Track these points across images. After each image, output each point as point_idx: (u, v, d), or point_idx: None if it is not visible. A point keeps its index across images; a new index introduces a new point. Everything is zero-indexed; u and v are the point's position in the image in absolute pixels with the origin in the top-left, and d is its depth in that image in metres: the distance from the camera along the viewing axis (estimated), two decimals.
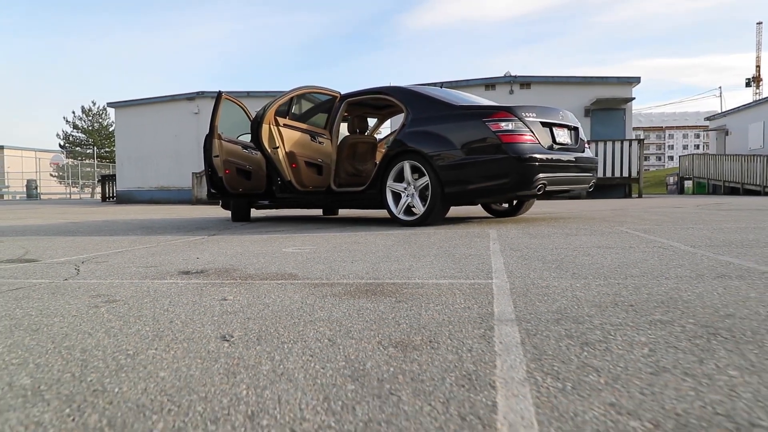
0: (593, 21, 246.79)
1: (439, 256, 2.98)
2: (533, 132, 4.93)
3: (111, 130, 48.50)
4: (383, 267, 2.60)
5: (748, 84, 73.41)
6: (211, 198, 6.95)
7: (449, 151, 5.00)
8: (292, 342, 1.34)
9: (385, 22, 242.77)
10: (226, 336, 1.41)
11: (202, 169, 18.28)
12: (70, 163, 45.76)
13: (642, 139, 17.04)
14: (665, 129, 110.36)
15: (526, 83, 18.59)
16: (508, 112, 4.95)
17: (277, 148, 5.95)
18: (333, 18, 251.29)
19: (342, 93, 6.40)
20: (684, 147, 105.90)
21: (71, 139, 49.22)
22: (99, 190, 36.53)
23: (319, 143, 6.40)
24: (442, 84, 7.99)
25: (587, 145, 5.97)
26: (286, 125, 6.09)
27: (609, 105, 18.25)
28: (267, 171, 6.30)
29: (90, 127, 49.20)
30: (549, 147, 5.04)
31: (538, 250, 3.15)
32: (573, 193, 5.41)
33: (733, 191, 21.55)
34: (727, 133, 26.94)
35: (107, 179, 24.79)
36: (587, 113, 18.34)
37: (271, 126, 5.97)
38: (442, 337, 1.33)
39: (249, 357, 1.22)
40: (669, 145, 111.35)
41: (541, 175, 4.84)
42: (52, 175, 45.67)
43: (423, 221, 5.08)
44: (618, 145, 16.46)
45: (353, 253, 3.17)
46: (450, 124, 5.13)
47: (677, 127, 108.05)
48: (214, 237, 4.59)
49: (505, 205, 6.52)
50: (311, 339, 1.36)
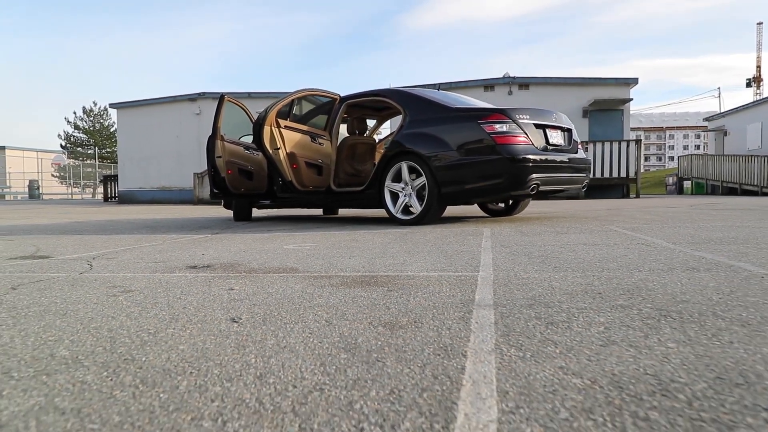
0: (593, 21, 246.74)
1: (433, 252, 3.15)
2: (527, 133, 5.09)
3: (112, 130, 48.69)
4: (378, 262, 2.78)
5: (748, 84, 73.49)
6: (214, 198, 7.13)
7: (445, 152, 5.15)
8: (293, 323, 1.51)
9: (385, 22, 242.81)
10: (234, 318, 1.58)
11: (203, 170, 18.46)
12: (71, 164, 45.97)
13: (639, 140, 17.19)
14: (665, 129, 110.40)
15: (524, 84, 18.76)
16: (502, 114, 5.11)
17: (279, 149, 6.12)
18: (333, 18, 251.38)
19: (342, 95, 6.57)
20: (684, 147, 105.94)
21: (72, 140, 49.44)
22: (100, 190, 36.73)
23: (319, 144, 6.57)
24: (439, 86, 8.16)
25: (580, 146, 6.13)
26: (287, 127, 6.27)
27: (607, 106, 18.42)
28: (268, 171, 6.46)
29: (91, 128, 49.40)
30: (542, 148, 5.20)
31: (526, 246, 3.32)
32: (571, 193, 5.55)
33: (732, 191, 21.69)
34: (726, 134, 27.07)
35: (109, 179, 24.97)
36: (585, 114, 18.50)
37: (273, 128, 6.14)
38: (425, 319, 1.51)
39: (256, 334, 1.40)
40: (669, 146, 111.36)
41: (535, 176, 5.00)
42: (53, 176, 45.87)
43: (420, 220, 5.24)
44: (616, 146, 16.61)
45: (351, 250, 3.34)
46: (446, 125, 5.28)
47: (678, 128, 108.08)
48: (217, 235, 4.76)
49: (501, 205, 6.68)
50: (310, 320, 1.53)
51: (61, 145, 49.23)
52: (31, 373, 1.13)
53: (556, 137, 5.48)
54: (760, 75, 72.82)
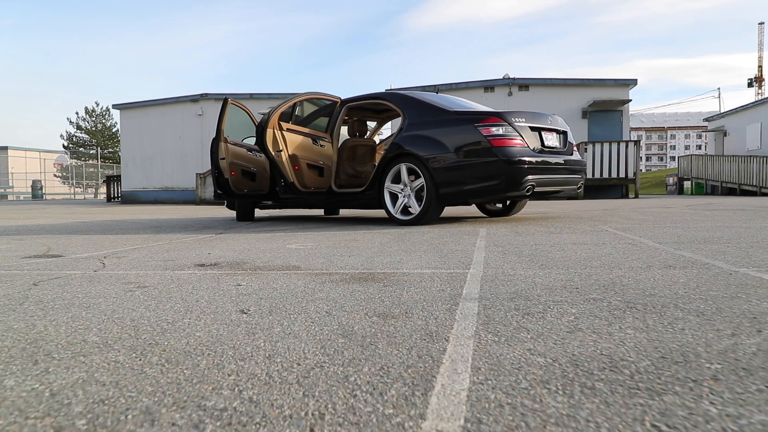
0: (594, 21, 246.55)
1: (428, 251, 3.32)
2: (522, 136, 5.25)
3: (114, 130, 48.99)
4: (376, 260, 2.94)
5: (750, 84, 73.56)
6: (218, 198, 7.31)
7: (443, 154, 5.31)
8: (296, 314, 1.68)
9: (387, 23, 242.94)
10: (243, 310, 1.75)
11: (205, 170, 18.65)
12: (73, 164, 46.21)
13: (638, 141, 17.35)
14: (667, 129, 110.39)
15: (524, 85, 18.91)
16: (498, 117, 5.27)
17: (281, 151, 6.29)
18: (334, 19, 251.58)
19: (342, 98, 6.74)
20: (686, 147, 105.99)
21: (75, 140, 49.73)
22: (102, 190, 36.92)
23: (321, 146, 6.74)
24: (438, 89, 8.34)
25: (576, 148, 6.29)
26: (289, 129, 6.44)
27: (606, 107, 18.57)
28: (271, 173, 6.63)
29: (93, 128, 49.68)
30: (538, 150, 5.36)
31: (518, 246, 3.48)
32: (570, 194, 5.70)
33: (731, 192, 21.82)
34: (726, 134, 27.19)
35: (112, 180, 25.19)
36: (585, 115, 18.66)
37: (275, 130, 6.31)
38: (416, 310, 1.68)
39: (264, 323, 1.57)
40: (671, 146, 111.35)
41: (530, 177, 5.16)
42: (55, 176, 46.09)
43: (419, 221, 5.40)
44: (615, 147, 16.76)
45: (351, 249, 3.51)
46: (444, 128, 5.44)
47: (679, 128, 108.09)
48: (221, 235, 4.93)
49: (499, 206, 6.84)
50: (312, 311, 1.70)
51: (64, 146, 49.53)
52: (70, 355, 1.29)
53: (551, 139, 5.63)
54: (761, 75, 72.86)
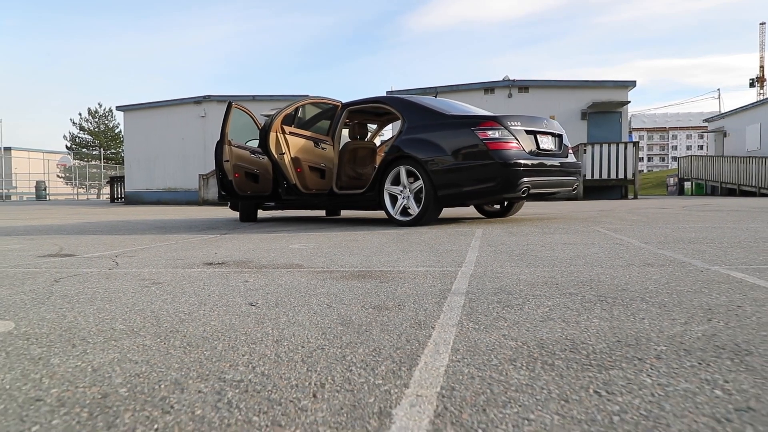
0: (595, 21, 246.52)
1: (425, 251, 3.50)
2: (518, 139, 5.42)
3: (117, 131, 49.28)
4: (375, 259, 3.12)
5: (751, 84, 73.57)
6: (222, 200, 7.50)
7: (441, 157, 5.49)
8: (300, 306, 1.86)
9: (388, 23, 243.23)
10: (252, 303, 1.93)
11: (208, 171, 18.86)
12: (76, 165, 46.48)
13: (636, 142, 17.51)
14: (668, 130, 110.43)
15: (524, 87, 19.09)
16: (494, 121, 5.45)
17: (284, 154, 6.48)
18: (335, 19, 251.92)
19: (343, 102, 6.93)
20: (688, 148, 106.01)
21: (77, 141, 50.02)
22: (105, 190, 37.11)
23: (322, 149, 6.93)
24: (436, 93, 8.51)
25: (571, 151, 6.46)
26: (291, 133, 6.63)
27: (605, 108, 18.74)
28: (273, 175, 6.82)
29: (96, 129, 49.97)
30: (533, 153, 5.53)
31: (511, 246, 3.66)
32: (570, 195, 5.84)
33: (731, 192, 21.96)
34: (725, 135, 27.33)
35: (116, 180, 25.44)
36: (584, 116, 18.84)
37: (278, 134, 6.51)
38: (408, 303, 1.86)
39: (271, 314, 1.75)
40: (672, 146, 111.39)
41: (525, 179, 5.33)
42: (58, 176, 46.36)
43: (417, 221, 5.58)
44: (614, 148, 16.93)
45: (351, 249, 3.69)
46: (442, 132, 5.62)
47: (681, 128, 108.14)
48: (226, 236, 5.11)
49: (497, 207, 7.02)
50: (314, 304, 1.88)
51: (67, 146, 49.82)
52: (102, 340, 1.48)
53: (546, 142, 5.81)
54: (763, 75, 72.86)
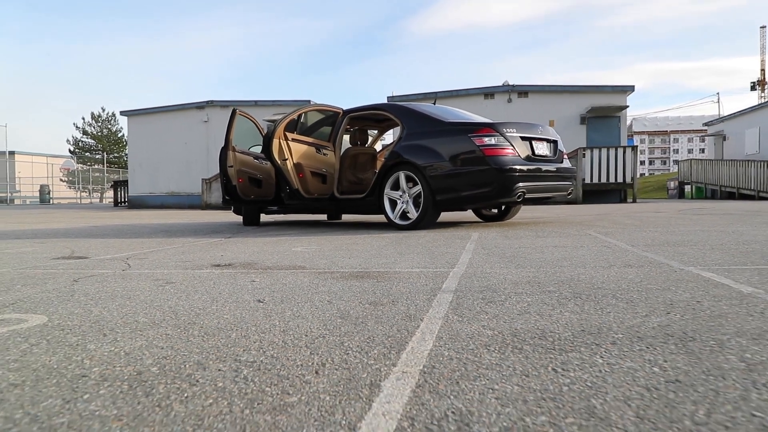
0: (597, 25, 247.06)
1: (421, 253, 3.69)
2: (513, 146, 5.62)
3: (120, 135, 49.65)
4: (373, 261, 3.31)
5: (753, 87, 73.71)
6: (226, 204, 7.70)
7: (439, 163, 5.69)
8: (304, 302, 2.05)
9: (390, 27, 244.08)
10: (260, 300, 2.13)
11: (211, 176, 19.09)
12: (80, 169, 46.79)
13: (635, 146, 17.70)
14: (670, 133, 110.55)
15: (523, 92, 19.29)
16: (490, 128, 5.65)
17: (286, 159, 6.69)
18: (338, 23, 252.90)
19: (344, 109, 7.14)
20: (689, 151, 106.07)
21: (81, 145, 50.39)
22: (108, 194, 37.33)
23: (324, 155, 7.13)
24: (435, 99, 8.70)
25: (566, 156, 6.65)
26: (294, 139, 6.84)
27: (604, 113, 18.93)
28: (276, 180, 7.02)
29: (99, 133, 50.35)
30: (528, 159, 5.72)
31: (503, 248, 3.84)
32: (569, 198, 6.03)
33: (730, 196, 22.11)
34: (725, 139, 27.49)
35: (119, 184, 25.69)
36: (583, 121, 19.03)
37: (281, 140, 6.72)
38: (401, 299, 2.05)
39: (277, 309, 1.94)
40: (674, 149, 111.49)
41: (521, 184, 5.52)
42: (62, 180, 46.67)
43: (416, 225, 5.77)
44: (613, 152, 17.11)
45: (351, 251, 3.88)
46: (440, 138, 5.82)
47: (682, 131, 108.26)
48: (230, 239, 5.31)
49: (495, 211, 7.21)
50: (316, 300, 2.07)
51: (70, 150, 50.19)
52: (128, 331, 1.67)
53: (541, 148, 6.00)
54: (764, 78, 72.98)
